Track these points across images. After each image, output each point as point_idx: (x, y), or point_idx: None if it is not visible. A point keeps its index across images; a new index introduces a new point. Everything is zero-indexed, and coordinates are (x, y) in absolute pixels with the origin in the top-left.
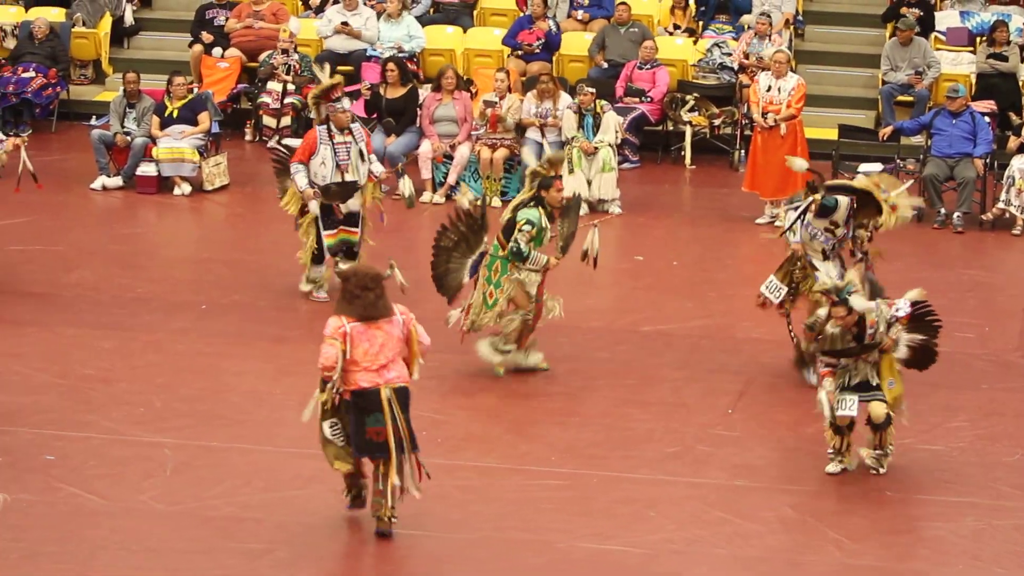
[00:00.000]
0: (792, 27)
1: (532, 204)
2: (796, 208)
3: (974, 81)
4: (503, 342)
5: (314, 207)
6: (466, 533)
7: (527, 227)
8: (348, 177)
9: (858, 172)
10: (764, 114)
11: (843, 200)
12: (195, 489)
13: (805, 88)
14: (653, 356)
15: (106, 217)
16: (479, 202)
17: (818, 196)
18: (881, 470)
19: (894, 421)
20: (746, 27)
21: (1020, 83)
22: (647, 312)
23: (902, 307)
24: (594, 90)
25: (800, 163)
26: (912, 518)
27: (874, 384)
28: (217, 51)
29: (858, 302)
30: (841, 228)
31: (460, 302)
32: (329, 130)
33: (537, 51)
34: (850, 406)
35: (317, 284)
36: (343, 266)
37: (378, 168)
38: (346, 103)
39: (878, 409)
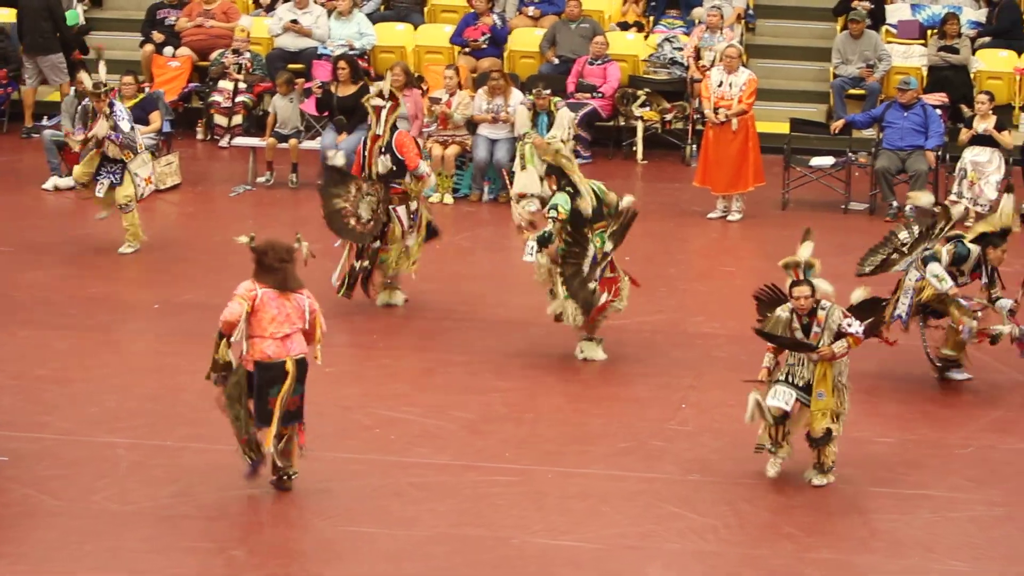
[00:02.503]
0: (743, 21)
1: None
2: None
3: (925, 74)
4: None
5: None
6: (421, 530)
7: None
8: None
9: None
10: (715, 109)
11: (974, 250)
12: (149, 488)
13: (756, 83)
14: (606, 351)
15: (58, 217)
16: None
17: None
18: (816, 481)
19: (835, 438)
20: (697, 21)
21: (971, 75)
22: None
23: (855, 325)
24: (550, 91)
25: (927, 198)
26: (866, 511)
27: (802, 385)
28: (168, 50)
29: (823, 285)
30: (965, 277)
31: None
32: None
33: (484, 46)
34: (782, 398)
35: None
36: (254, 242)
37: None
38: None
39: (818, 424)
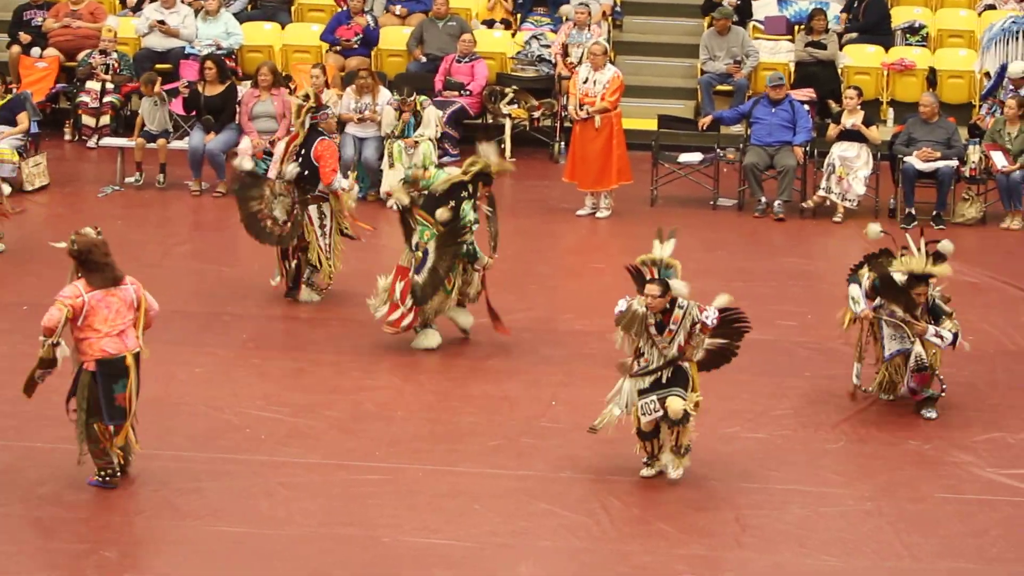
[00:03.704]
0: (610, 18)
1: (467, 197)
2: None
3: (793, 69)
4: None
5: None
6: (292, 529)
7: (475, 226)
8: None
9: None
10: (580, 106)
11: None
12: (20, 490)
13: (621, 80)
14: (476, 349)
15: None
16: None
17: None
18: (673, 475)
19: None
20: (564, 18)
21: (839, 71)
22: (468, 306)
23: (711, 315)
24: (413, 96)
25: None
26: (738, 506)
27: (664, 381)
28: (35, 51)
29: (678, 286)
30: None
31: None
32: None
33: (356, 46)
34: (654, 409)
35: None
36: (68, 243)
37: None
38: (331, 109)
39: (675, 404)
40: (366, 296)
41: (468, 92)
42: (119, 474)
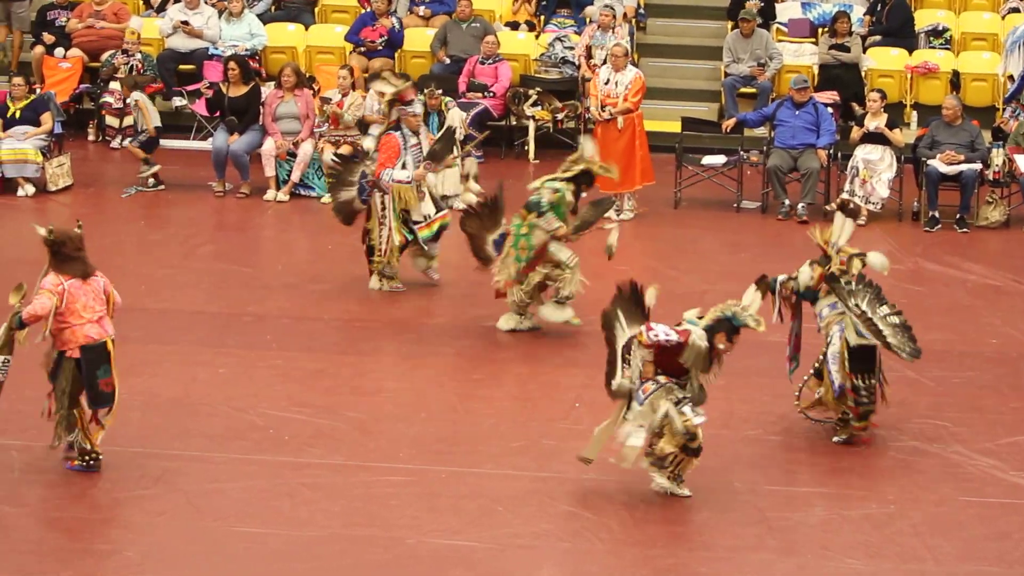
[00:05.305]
0: (634, 20)
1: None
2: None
3: (816, 72)
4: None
5: (432, 179)
6: (313, 530)
7: (550, 185)
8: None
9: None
10: (602, 107)
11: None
12: (42, 491)
13: (643, 82)
14: (498, 351)
15: None
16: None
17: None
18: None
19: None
20: (588, 20)
21: (862, 73)
22: (490, 307)
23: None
24: (442, 91)
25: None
26: (760, 508)
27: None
28: (59, 51)
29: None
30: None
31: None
32: (403, 134)
33: (380, 48)
34: (700, 414)
35: (392, 278)
36: (46, 231)
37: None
38: (417, 107)
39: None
40: (391, 296)
41: (492, 94)
42: (101, 456)
